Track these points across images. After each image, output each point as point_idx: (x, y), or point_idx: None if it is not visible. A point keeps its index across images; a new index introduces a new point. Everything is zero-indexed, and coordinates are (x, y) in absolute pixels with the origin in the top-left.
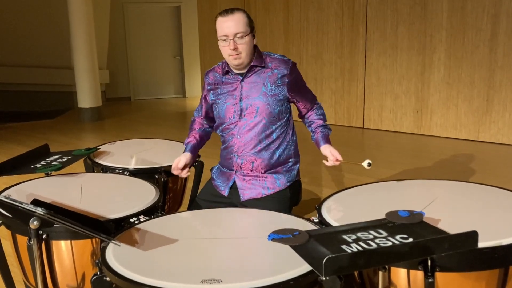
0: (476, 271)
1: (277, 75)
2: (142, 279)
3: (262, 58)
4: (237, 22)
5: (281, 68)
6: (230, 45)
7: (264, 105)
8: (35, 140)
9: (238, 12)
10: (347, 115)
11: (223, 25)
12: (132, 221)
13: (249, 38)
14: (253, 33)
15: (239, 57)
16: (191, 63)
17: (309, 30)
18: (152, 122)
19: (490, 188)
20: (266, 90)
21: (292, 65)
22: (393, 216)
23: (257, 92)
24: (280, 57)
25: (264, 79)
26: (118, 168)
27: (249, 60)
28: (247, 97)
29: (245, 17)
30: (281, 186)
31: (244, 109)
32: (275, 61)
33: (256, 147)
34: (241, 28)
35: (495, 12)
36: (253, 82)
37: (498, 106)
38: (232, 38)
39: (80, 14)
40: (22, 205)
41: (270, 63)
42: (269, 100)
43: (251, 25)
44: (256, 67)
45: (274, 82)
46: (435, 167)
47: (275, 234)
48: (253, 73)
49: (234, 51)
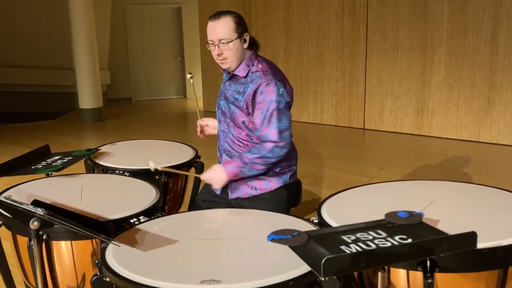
0: (476, 272)
1: (248, 88)
2: (141, 279)
3: (248, 67)
4: (222, 28)
5: (256, 82)
6: (215, 51)
7: (234, 112)
8: (36, 141)
9: (225, 17)
10: (347, 115)
11: (209, 30)
12: (132, 222)
13: (235, 44)
14: (243, 38)
15: (225, 62)
16: (192, 64)
17: (309, 31)
18: (153, 123)
19: (489, 188)
20: (236, 100)
21: (266, 85)
22: (392, 216)
23: (231, 98)
24: (265, 74)
25: (238, 88)
26: (118, 169)
27: (237, 64)
28: (226, 98)
29: (232, 23)
30: (269, 188)
31: (223, 109)
32: (257, 74)
33: (238, 149)
34: (226, 34)
35: (495, 13)
36: (231, 86)
37: (498, 107)
38: (217, 43)
39: (81, 15)
40: (22, 206)
41: (252, 74)
42: (237, 109)
43: (239, 30)
44: (237, 75)
45: (243, 93)
46: (436, 168)
47: (274, 235)
48: (234, 78)
49: (219, 57)
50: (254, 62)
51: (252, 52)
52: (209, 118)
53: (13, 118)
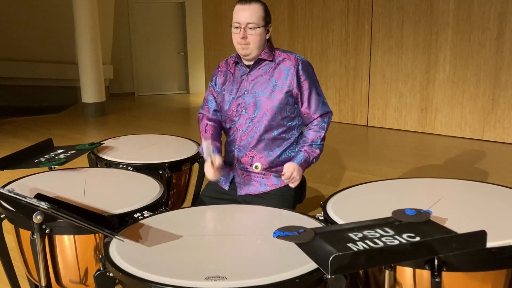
0: (483, 271)
1: (284, 71)
2: (146, 275)
3: (272, 52)
4: (252, 13)
5: (289, 64)
6: (240, 34)
7: (266, 100)
8: (39, 135)
9: (256, 3)
10: (351, 113)
11: (238, 13)
12: (136, 217)
13: (261, 31)
14: (268, 28)
15: (247, 47)
16: (195, 60)
17: (314, 27)
18: (156, 118)
19: (496, 187)
20: (271, 86)
21: (301, 63)
22: (399, 214)
23: (261, 87)
24: (291, 54)
25: (270, 74)
26: (122, 163)
27: (257, 53)
28: (251, 91)
29: (262, 10)
30: (278, 184)
31: (247, 103)
32: (285, 57)
33: (258, 144)
34: (254, 19)
35: (502, 10)
36: (258, 76)
37: (503, 105)
38: (243, 27)
39: (85, 9)
40: (26, 199)
41: (279, 57)
42: (272, 96)
43: (267, 19)
44: (263, 60)
45: (279, 77)
46: (439, 166)
47: (280, 232)
48: (260, 67)
49: (243, 40)
50: (274, 50)
51: (270, 43)
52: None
53: (16, 111)
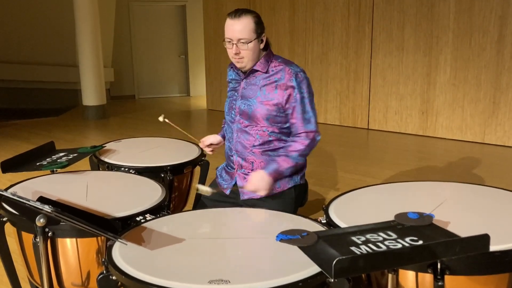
0: (486, 275)
1: (275, 84)
2: (149, 278)
3: (268, 63)
4: (242, 28)
5: (281, 77)
6: (233, 49)
7: (257, 109)
8: (40, 138)
9: (246, 16)
10: (352, 115)
11: (229, 28)
12: (138, 220)
13: (253, 44)
14: (261, 38)
15: (242, 61)
16: (196, 62)
17: (314, 30)
18: (156, 120)
19: (498, 190)
20: (261, 96)
21: (294, 76)
22: (402, 218)
23: (253, 95)
24: (287, 66)
25: (262, 84)
26: (123, 166)
27: (252, 64)
28: (244, 97)
29: (253, 23)
30: (280, 188)
31: (240, 108)
32: (280, 69)
33: (253, 149)
34: (245, 34)
35: (502, 13)
36: (251, 84)
37: (504, 108)
38: (235, 42)
39: (86, 12)
40: (29, 203)
41: (274, 69)
42: (261, 106)
43: (259, 30)
44: (257, 71)
45: (270, 89)
46: (440, 169)
47: (283, 235)
48: (253, 75)
49: (236, 56)
50: (272, 59)
51: (269, 51)
52: (207, 137)
53: (17, 114)
